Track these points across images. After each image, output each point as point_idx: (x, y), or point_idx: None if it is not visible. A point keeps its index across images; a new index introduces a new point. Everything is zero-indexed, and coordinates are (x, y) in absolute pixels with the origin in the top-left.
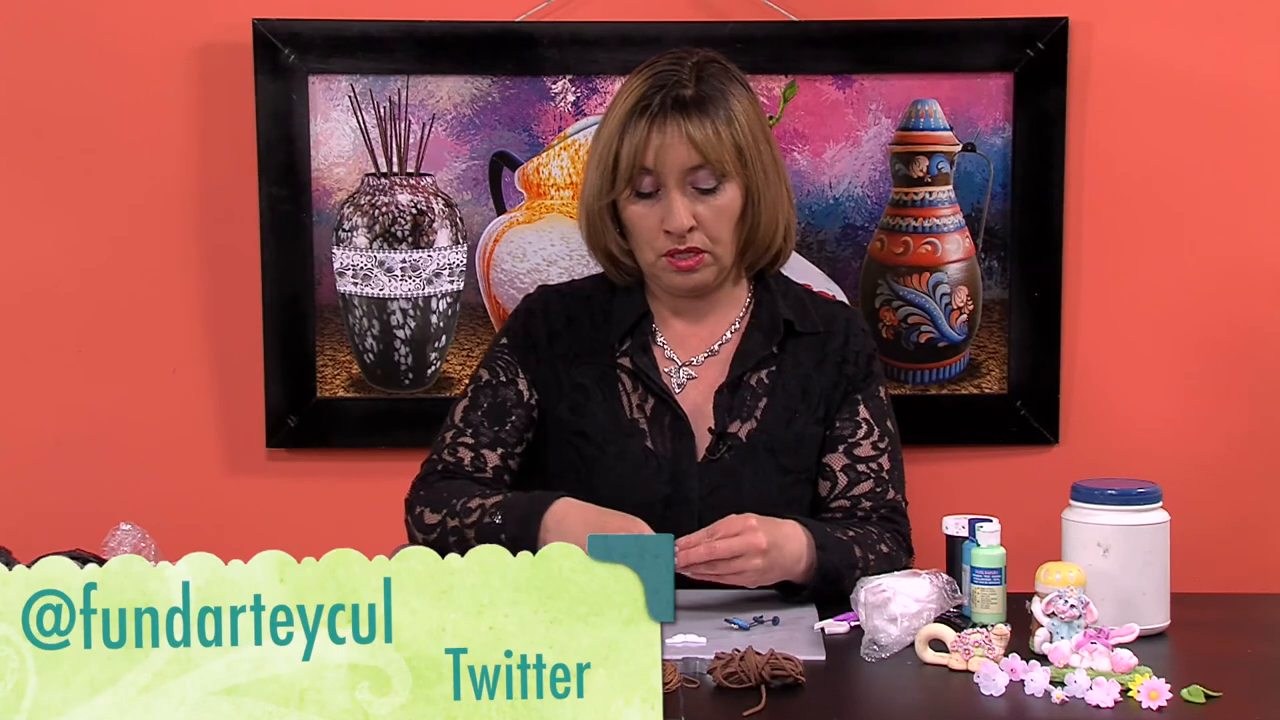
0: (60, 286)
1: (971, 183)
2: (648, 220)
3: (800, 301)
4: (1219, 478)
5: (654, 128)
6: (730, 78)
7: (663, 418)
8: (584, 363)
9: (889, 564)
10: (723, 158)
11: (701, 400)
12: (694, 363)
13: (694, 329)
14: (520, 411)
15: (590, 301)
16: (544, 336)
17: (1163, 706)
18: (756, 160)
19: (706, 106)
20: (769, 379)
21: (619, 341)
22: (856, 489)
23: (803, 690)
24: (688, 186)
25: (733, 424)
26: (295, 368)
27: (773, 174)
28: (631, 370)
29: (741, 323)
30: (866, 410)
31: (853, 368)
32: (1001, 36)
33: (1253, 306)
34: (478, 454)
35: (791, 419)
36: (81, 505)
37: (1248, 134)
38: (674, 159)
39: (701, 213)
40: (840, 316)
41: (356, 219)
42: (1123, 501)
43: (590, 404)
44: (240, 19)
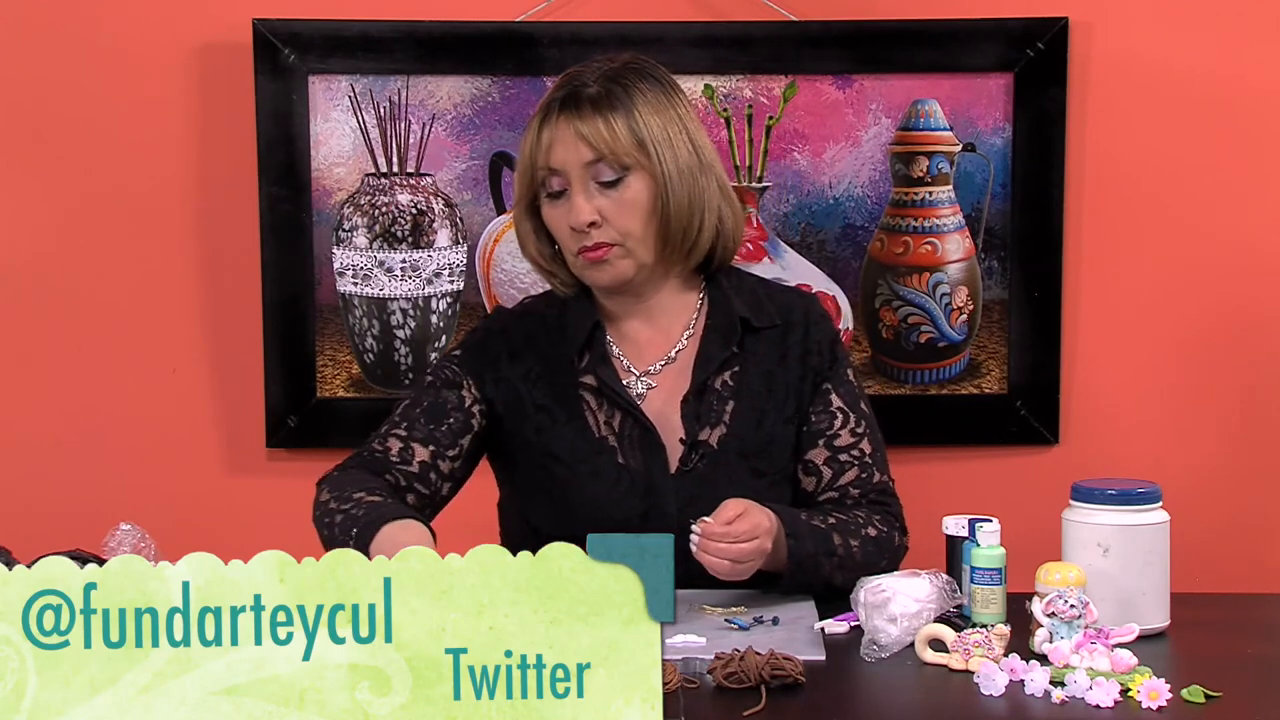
0: (60, 286)
1: (971, 183)
2: (559, 220)
3: (754, 295)
4: (1219, 478)
5: (546, 127)
6: (645, 75)
7: (631, 432)
8: (545, 382)
9: (878, 546)
10: (617, 150)
11: (665, 409)
12: (651, 371)
13: (649, 335)
14: (459, 415)
15: (544, 319)
16: (504, 356)
17: (1163, 706)
18: (666, 151)
19: (601, 103)
20: (733, 380)
21: (578, 357)
22: (842, 479)
23: (803, 690)
24: (590, 182)
25: (702, 431)
26: (295, 368)
27: (691, 167)
28: (594, 386)
29: (696, 326)
30: (839, 398)
31: (817, 358)
32: (1001, 36)
33: (1252, 306)
34: (407, 446)
35: (761, 419)
36: (81, 505)
37: (1248, 134)
38: (568, 155)
39: (605, 206)
40: (798, 306)
41: (356, 219)
42: (1123, 501)
43: (556, 425)
44: (240, 19)
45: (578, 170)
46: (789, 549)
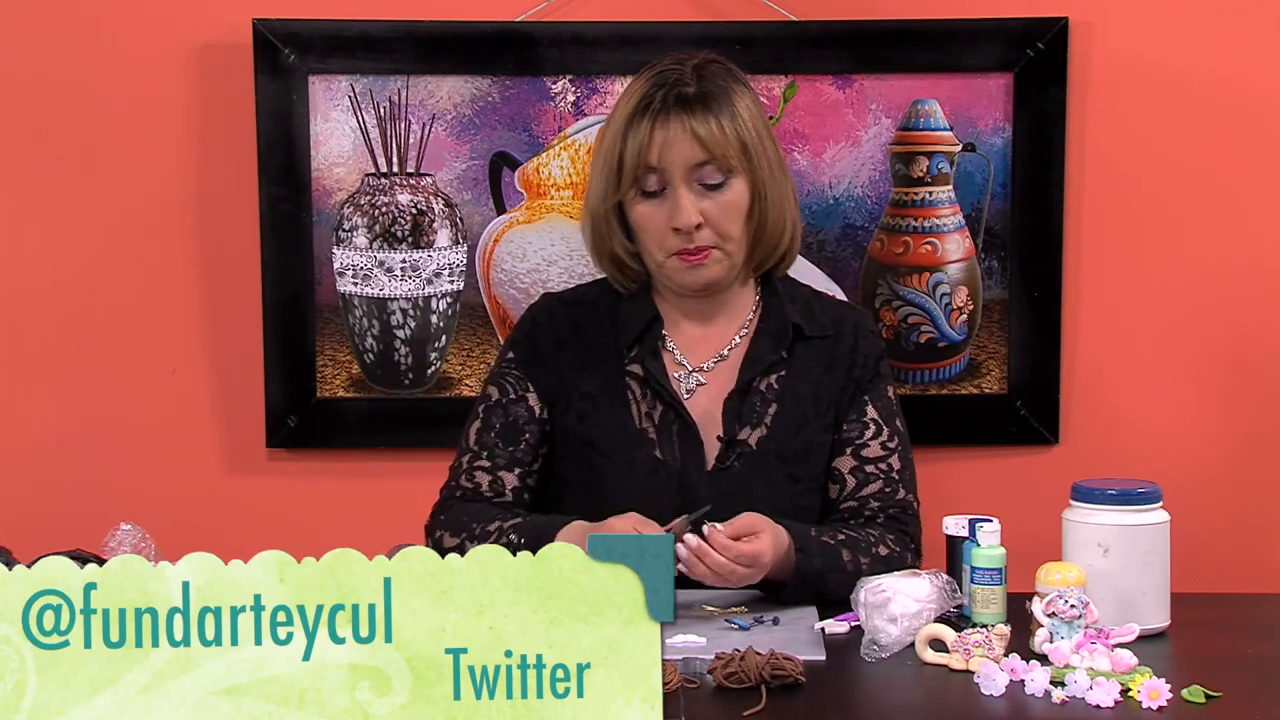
0: (60, 286)
1: (971, 183)
2: (655, 219)
3: (808, 304)
4: (1219, 478)
5: (657, 125)
6: (732, 76)
7: (671, 426)
8: (591, 371)
9: (887, 566)
10: (727, 153)
11: (711, 406)
12: (704, 368)
13: (704, 332)
14: (533, 428)
15: (596, 308)
16: (550, 346)
17: (1163, 706)
18: (761, 156)
19: (709, 102)
20: (778, 384)
21: (628, 348)
22: (865, 490)
23: (803, 690)
24: (694, 183)
25: (742, 431)
26: (295, 368)
27: (778, 171)
28: (641, 377)
29: (750, 326)
30: (874, 410)
31: (860, 370)
32: (1001, 36)
33: (1253, 305)
34: (495, 477)
35: (801, 426)
36: (81, 505)
37: (1248, 134)
38: (679, 155)
39: (709, 209)
40: (849, 319)
41: (356, 219)
42: (1123, 501)
43: (598, 413)
44: (240, 19)
45: (683, 171)
46: (796, 563)
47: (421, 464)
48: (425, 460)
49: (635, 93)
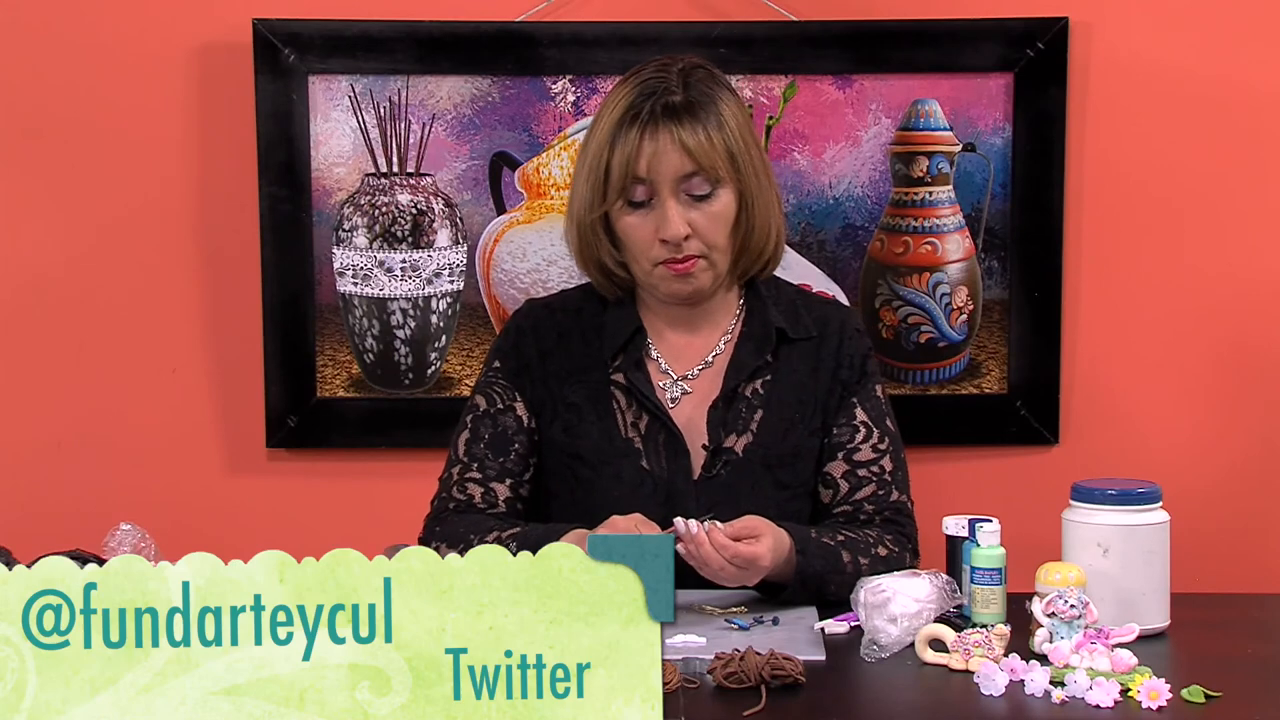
0: (60, 286)
1: (971, 183)
2: (642, 230)
3: (792, 305)
4: (1219, 478)
5: (645, 136)
6: (717, 83)
7: (657, 436)
8: (576, 380)
9: (887, 567)
10: (716, 164)
11: (696, 415)
12: (689, 376)
13: (688, 340)
14: (522, 438)
15: (581, 315)
16: (535, 355)
17: (1163, 706)
18: (748, 165)
19: (697, 111)
20: (764, 389)
21: (612, 358)
22: (859, 494)
23: (803, 690)
24: (681, 194)
25: (728, 438)
26: (295, 368)
27: (764, 178)
28: (625, 387)
29: (734, 332)
30: (864, 413)
31: (847, 371)
32: (1001, 36)
33: (1252, 305)
34: (488, 488)
35: (788, 431)
36: (81, 505)
37: (1248, 134)
38: (667, 166)
39: (696, 220)
40: (835, 318)
41: (356, 219)
42: (1123, 501)
43: (584, 424)
44: (240, 19)
45: (671, 182)
46: (796, 565)
47: (421, 464)
48: (425, 460)
49: (620, 101)
